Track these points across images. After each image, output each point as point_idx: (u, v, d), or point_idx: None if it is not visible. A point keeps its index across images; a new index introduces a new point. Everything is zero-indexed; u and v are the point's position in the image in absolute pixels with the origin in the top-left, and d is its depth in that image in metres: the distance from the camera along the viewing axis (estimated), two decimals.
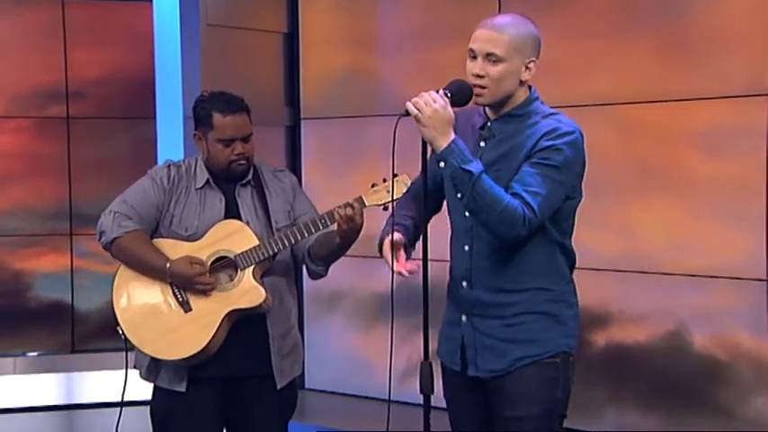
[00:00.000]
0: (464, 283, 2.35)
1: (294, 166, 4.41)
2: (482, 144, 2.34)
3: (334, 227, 2.72)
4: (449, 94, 2.24)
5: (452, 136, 2.19)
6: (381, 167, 2.51)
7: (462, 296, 2.37)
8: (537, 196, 2.21)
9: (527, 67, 2.28)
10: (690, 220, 3.54)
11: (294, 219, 2.87)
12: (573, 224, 2.35)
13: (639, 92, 3.63)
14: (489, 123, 2.34)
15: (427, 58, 4.05)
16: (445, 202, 2.43)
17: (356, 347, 4.35)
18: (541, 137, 2.25)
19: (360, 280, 4.27)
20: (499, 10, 3.83)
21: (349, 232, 2.70)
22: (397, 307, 2.92)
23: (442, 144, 2.19)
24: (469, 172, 2.19)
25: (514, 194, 2.22)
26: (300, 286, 3.97)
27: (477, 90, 2.27)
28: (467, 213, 2.29)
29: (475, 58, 2.28)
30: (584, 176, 2.32)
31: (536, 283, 2.29)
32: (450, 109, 2.21)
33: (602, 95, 3.68)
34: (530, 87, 2.33)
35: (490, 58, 2.25)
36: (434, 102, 2.19)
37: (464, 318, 2.35)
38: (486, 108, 2.35)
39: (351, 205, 2.66)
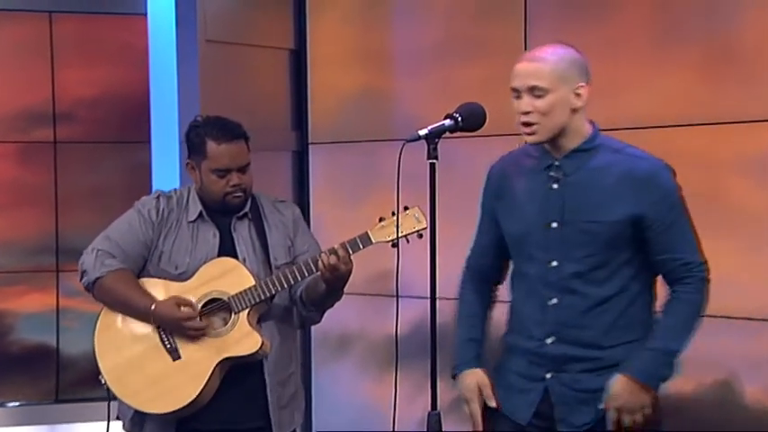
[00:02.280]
0: (549, 340, 2.38)
1: (301, 195, 4.43)
2: (554, 186, 2.36)
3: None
4: (459, 119, 2.26)
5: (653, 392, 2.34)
6: (395, 197, 2.51)
7: (546, 352, 2.39)
8: (693, 248, 2.39)
9: (577, 94, 2.34)
10: (739, 257, 3.50)
11: (294, 256, 2.88)
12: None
13: (681, 114, 3.60)
14: (557, 163, 2.37)
15: (447, 78, 4.05)
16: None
17: (367, 395, 4.33)
18: (641, 189, 2.32)
19: (371, 321, 4.26)
20: (525, 24, 3.83)
21: (334, 280, 2.71)
22: (412, 351, 2.90)
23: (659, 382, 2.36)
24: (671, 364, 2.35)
25: (682, 267, 2.35)
26: (307, 329, 3.96)
27: (527, 129, 2.33)
28: (554, 263, 2.34)
29: (519, 96, 2.33)
30: None
31: (631, 336, 2.37)
32: None
33: (639, 118, 3.66)
34: (590, 121, 2.40)
35: (535, 92, 2.30)
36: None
37: (549, 375, 2.39)
38: (546, 146, 2.38)
39: (335, 252, 2.67)
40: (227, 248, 2.84)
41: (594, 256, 2.32)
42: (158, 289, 2.80)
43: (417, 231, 2.66)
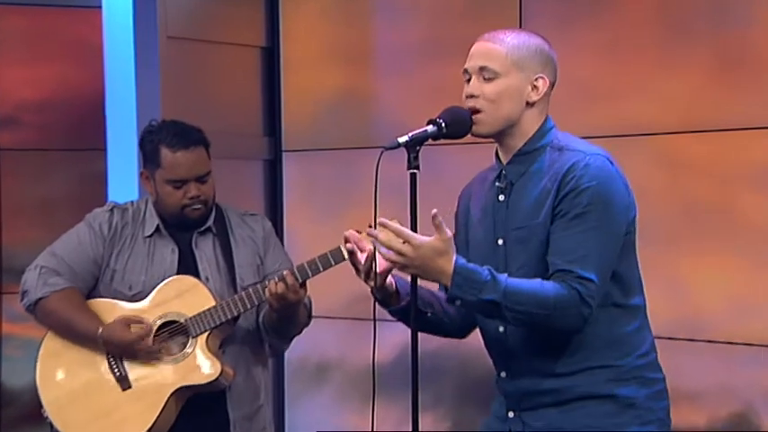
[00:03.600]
0: (503, 374, 2.35)
1: (274, 207, 4.45)
2: (501, 198, 2.33)
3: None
4: (443, 125, 2.26)
5: (451, 266, 2.16)
6: (379, 209, 2.49)
7: (504, 388, 2.37)
8: (584, 261, 2.19)
9: (534, 86, 2.29)
10: (754, 277, 3.53)
11: (264, 275, 2.89)
12: (636, 272, 2.36)
13: (688, 120, 3.64)
14: (503, 171, 2.35)
15: (434, 80, 4.07)
16: None
17: (348, 429, 4.33)
18: (560, 183, 2.24)
19: (351, 348, 4.26)
20: (520, 22, 3.87)
21: (280, 309, 2.71)
22: (396, 381, 2.92)
23: (446, 281, 2.18)
24: (493, 302, 2.17)
25: (558, 273, 2.20)
26: (279, 356, 3.97)
27: (474, 117, 2.28)
28: None
29: (469, 80, 2.32)
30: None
31: (594, 361, 2.28)
32: (419, 239, 2.15)
33: (642, 124, 3.70)
34: (546, 120, 2.35)
35: (484, 74, 2.28)
36: (407, 242, 2.14)
37: (511, 414, 2.34)
38: (499, 151, 2.36)
39: (283, 279, 2.66)
40: (188, 267, 2.85)
41: (525, 267, 2.26)
42: (109, 311, 2.81)
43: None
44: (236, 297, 2.78)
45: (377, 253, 2.22)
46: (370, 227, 2.22)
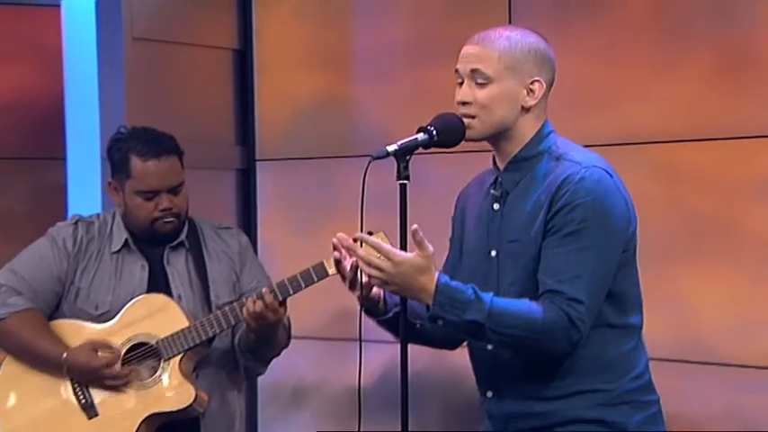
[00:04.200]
0: (489, 393, 2.36)
1: (247, 220, 4.43)
2: (495, 207, 2.35)
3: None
4: (434, 133, 2.26)
5: (433, 284, 2.17)
6: (357, 221, 2.47)
7: (489, 409, 2.37)
8: (576, 283, 2.20)
9: (529, 90, 2.30)
10: (760, 295, 3.54)
11: (241, 293, 2.91)
12: (635, 290, 2.38)
13: (689, 127, 3.65)
14: (499, 178, 2.36)
15: (418, 84, 4.08)
16: None
17: None
18: (554, 196, 2.25)
19: (331, 370, 4.25)
20: (509, 22, 3.87)
21: (258, 329, 2.72)
22: (379, 405, 2.90)
23: (427, 301, 2.19)
24: (476, 323, 2.18)
25: (547, 294, 2.21)
26: (252, 379, 3.95)
27: (466, 122, 2.30)
28: None
29: (462, 82, 2.33)
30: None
31: (584, 385, 2.29)
32: (400, 255, 2.16)
33: (639, 132, 3.71)
34: (544, 124, 2.37)
35: (477, 78, 2.29)
36: (388, 259, 2.15)
37: None
38: (495, 156, 2.37)
39: (262, 297, 2.68)
40: (159, 284, 2.86)
41: (516, 284, 2.28)
42: (73, 333, 2.80)
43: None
44: (212, 317, 2.79)
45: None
46: (355, 241, 2.23)
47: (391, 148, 2.22)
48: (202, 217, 3.04)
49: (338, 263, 2.31)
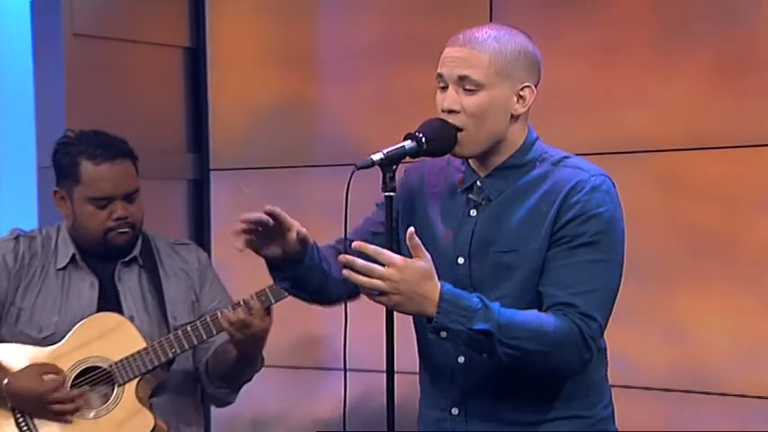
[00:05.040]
0: (454, 410, 2.36)
1: (200, 235, 4.41)
2: (473, 213, 2.35)
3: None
4: (423, 140, 2.26)
5: (437, 291, 2.18)
6: (324, 237, 2.50)
7: (452, 428, 2.36)
8: (589, 297, 2.23)
9: (520, 96, 2.32)
10: (764, 315, 3.56)
11: (200, 314, 2.89)
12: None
13: (689, 134, 3.67)
14: (479, 182, 2.37)
15: (389, 86, 4.09)
16: None
17: None
18: (561, 206, 2.27)
19: (294, 401, 4.24)
20: (491, 15, 3.89)
21: (246, 343, 2.73)
22: None
23: (431, 310, 2.18)
24: (485, 332, 2.18)
25: (557, 306, 2.23)
26: (206, 409, 3.92)
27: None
28: None
29: (445, 87, 2.31)
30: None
31: (565, 410, 2.32)
32: (403, 259, 2.14)
33: (636, 139, 3.72)
34: (530, 131, 2.38)
35: (465, 85, 2.29)
36: (390, 265, 2.13)
37: None
38: (473, 160, 2.37)
39: (246, 303, 2.71)
40: (110, 303, 2.85)
41: (509, 297, 2.27)
42: (15, 357, 2.79)
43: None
44: (172, 336, 2.79)
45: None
46: (349, 247, 2.21)
47: (376, 156, 2.21)
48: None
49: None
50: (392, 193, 2.22)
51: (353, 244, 2.17)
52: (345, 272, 2.15)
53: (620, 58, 3.75)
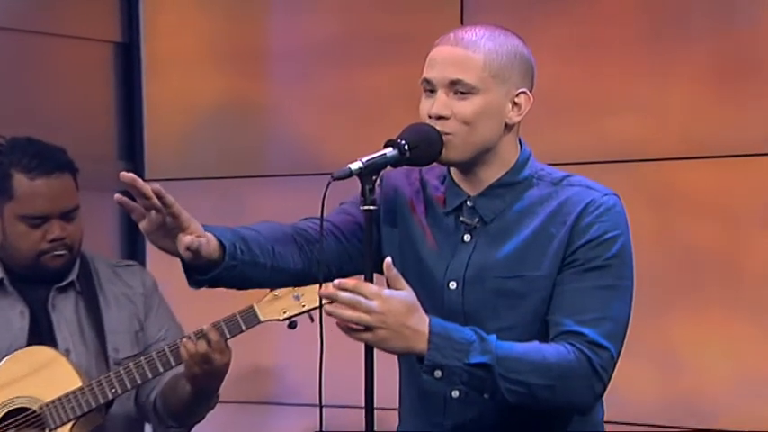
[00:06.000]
0: None
1: (132, 254, 4.38)
2: (467, 239, 2.36)
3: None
4: (406, 148, 2.25)
5: (426, 325, 2.17)
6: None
7: None
8: (600, 325, 2.26)
9: (515, 103, 2.33)
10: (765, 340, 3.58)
11: (146, 345, 2.90)
12: None
13: (685, 142, 3.70)
14: (469, 203, 2.37)
15: (348, 85, 4.09)
16: None
17: None
18: (574, 228, 2.29)
19: None
20: (461, 17, 3.89)
21: (204, 378, 2.74)
22: None
23: (421, 346, 2.17)
24: (484, 366, 2.18)
25: (564, 335, 2.25)
26: None
27: (444, 139, 2.29)
28: None
29: (433, 91, 2.31)
30: None
31: None
32: (387, 291, 2.14)
33: (625, 147, 3.74)
34: (521, 144, 2.39)
35: (457, 88, 2.29)
36: (372, 297, 2.13)
37: None
38: (461, 179, 2.37)
39: (205, 336, 2.70)
40: (42, 335, 2.83)
41: (517, 329, 2.30)
42: None
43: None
44: (112, 374, 2.77)
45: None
46: (331, 277, 2.21)
47: (354, 166, 2.20)
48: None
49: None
50: (372, 207, 2.20)
51: (334, 282, 2.15)
52: (327, 307, 2.14)
53: (606, 57, 3.77)
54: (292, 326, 2.76)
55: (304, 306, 2.75)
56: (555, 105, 3.69)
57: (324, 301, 2.19)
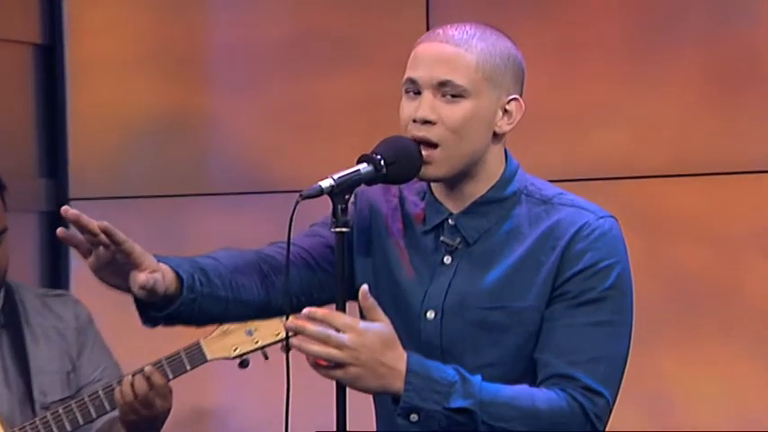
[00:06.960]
0: None
1: (56, 280, 4.35)
2: (447, 260, 2.34)
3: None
4: (382, 163, 2.25)
5: (403, 362, 2.18)
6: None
7: None
8: (594, 366, 2.25)
9: (505, 110, 2.32)
10: (764, 370, 3.60)
11: (79, 387, 2.88)
12: None
13: (674, 158, 3.72)
14: (450, 220, 2.35)
15: (301, 94, 4.10)
16: None
17: None
18: (564, 254, 2.28)
19: None
20: (427, 18, 3.89)
21: (141, 424, 2.77)
22: None
23: (398, 385, 2.18)
24: (465, 411, 2.18)
25: (554, 379, 2.24)
26: None
27: (424, 155, 2.28)
28: None
29: (418, 93, 2.30)
30: None
31: None
32: (362, 323, 2.14)
33: (609, 163, 3.77)
34: (507, 157, 2.38)
35: (446, 90, 2.28)
36: (344, 329, 2.13)
37: None
38: (442, 194, 2.36)
39: (147, 377, 2.70)
40: None
41: (499, 366, 2.29)
42: None
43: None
44: (38, 421, 2.77)
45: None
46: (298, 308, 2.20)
47: (326, 183, 2.19)
48: None
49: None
50: (344, 229, 2.20)
51: (303, 311, 2.14)
52: (294, 341, 2.11)
53: (586, 63, 3.80)
54: (244, 364, 2.74)
55: (257, 342, 2.73)
56: (529, 116, 3.69)
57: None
